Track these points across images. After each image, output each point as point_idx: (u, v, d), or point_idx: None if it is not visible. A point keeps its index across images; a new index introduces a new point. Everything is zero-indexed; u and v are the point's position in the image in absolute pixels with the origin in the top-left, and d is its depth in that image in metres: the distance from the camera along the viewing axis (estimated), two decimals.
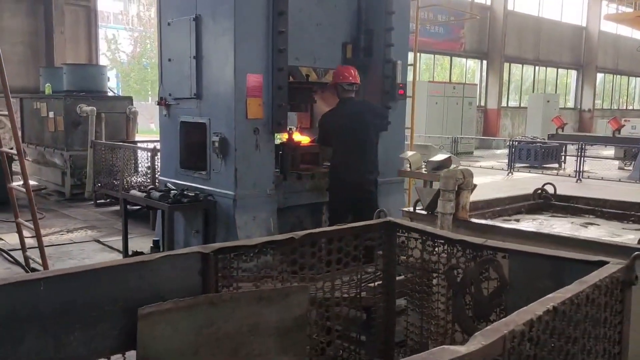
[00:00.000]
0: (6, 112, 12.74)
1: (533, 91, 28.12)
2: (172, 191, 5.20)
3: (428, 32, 22.24)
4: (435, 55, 23.86)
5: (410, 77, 7.08)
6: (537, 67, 28.64)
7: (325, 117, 5.64)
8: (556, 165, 17.11)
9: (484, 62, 25.57)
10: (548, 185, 5.14)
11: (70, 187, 10.11)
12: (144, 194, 5.32)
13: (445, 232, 3.05)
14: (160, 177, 6.20)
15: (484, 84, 25.64)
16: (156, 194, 5.17)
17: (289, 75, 5.40)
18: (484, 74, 25.70)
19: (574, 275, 2.44)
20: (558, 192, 5.18)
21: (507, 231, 3.56)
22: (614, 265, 2.34)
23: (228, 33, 4.94)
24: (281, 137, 6.12)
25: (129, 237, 7.24)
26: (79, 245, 6.97)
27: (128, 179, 8.57)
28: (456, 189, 3.72)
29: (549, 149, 17.15)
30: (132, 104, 10.83)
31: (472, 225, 3.75)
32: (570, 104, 31.82)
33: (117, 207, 8.45)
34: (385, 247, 3.30)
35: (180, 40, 5.45)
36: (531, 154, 17.17)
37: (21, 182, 11.63)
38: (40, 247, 5.34)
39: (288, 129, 5.78)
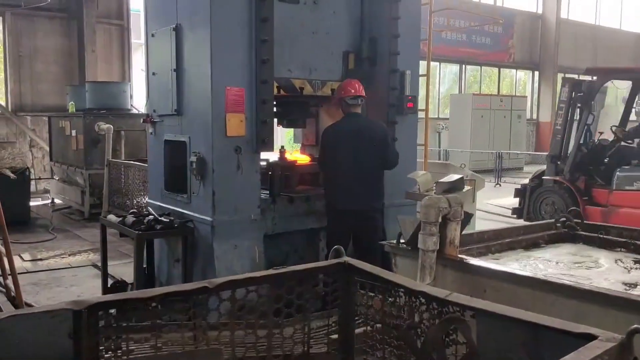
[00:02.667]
0: (34, 129, 12.76)
1: None
2: (147, 217, 4.75)
3: (474, 43, 21.39)
4: (483, 67, 22.85)
5: (424, 89, 6.43)
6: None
7: (324, 132, 5.11)
8: None
9: (536, 73, 24.36)
10: (574, 211, 4.41)
11: (89, 206, 9.92)
12: (119, 219, 4.89)
13: (406, 279, 2.43)
14: (147, 200, 5.79)
15: (535, 95, 24.42)
16: (130, 220, 4.74)
17: (279, 88, 4.89)
18: (536, 85, 24.48)
19: (554, 349, 1.80)
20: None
21: (499, 274, 2.89)
22: (603, 343, 1.67)
23: (204, 43, 4.48)
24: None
25: (129, 262, 6.93)
26: (75, 270, 6.64)
27: (140, 199, 8.26)
28: (440, 220, 3.08)
29: None
30: None
31: (461, 265, 3.10)
32: (632, 116, 29.91)
33: None
34: (341, 294, 2.71)
35: (162, 52, 5.04)
36: None
37: (47, 202, 11.59)
38: (14, 275, 4.97)
39: (280, 146, 5.27)
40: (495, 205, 11.92)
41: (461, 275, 3.07)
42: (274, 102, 5.37)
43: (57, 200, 11.56)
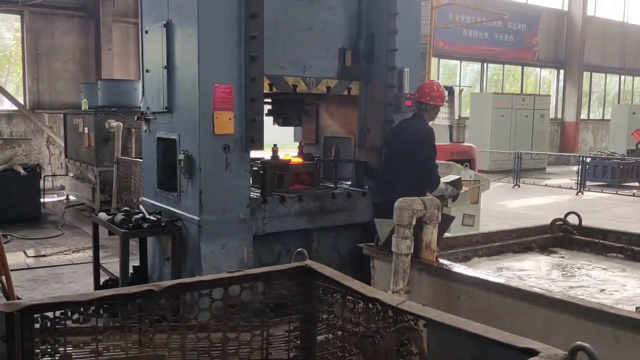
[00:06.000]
0: (53, 126, 12.95)
1: (618, 102, 25.92)
2: (136, 215, 4.71)
3: (496, 41, 21.04)
4: (506, 66, 22.45)
5: None
6: (622, 77, 26.43)
7: None
8: (637, 184, 15.43)
9: (561, 71, 23.85)
10: (572, 215, 4.23)
11: (100, 203, 9.96)
12: (109, 217, 4.86)
13: (363, 285, 2.32)
14: (142, 198, 5.77)
15: (560, 94, 23.90)
16: (119, 218, 4.70)
17: (270, 86, 4.80)
18: (561, 84, 23.96)
19: None
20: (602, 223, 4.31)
21: (471, 280, 2.75)
22: None
23: (192, 39, 4.41)
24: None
25: (132, 259, 6.94)
26: (76, 267, 6.66)
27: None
28: (414, 222, 2.95)
29: (628, 165, 15.49)
30: None
31: (435, 270, 2.97)
32: None
33: None
34: (303, 299, 2.61)
35: (155, 49, 5.00)
36: (607, 172, 15.58)
37: (62, 198, 11.71)
38: (6, 274, 4.97)
39: (273, 145, 5.18)
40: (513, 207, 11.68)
41: (436, 281, 2.94)
42: (269, 100, 5.32)
43: (71, 197, 11.68)
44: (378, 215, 4.82)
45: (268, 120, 5.28)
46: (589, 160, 15.71)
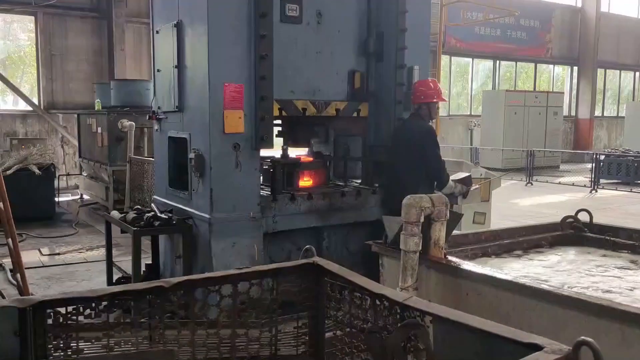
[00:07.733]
0: (67, 126, 13.09)
1: (633, 99, 25.66)
2: (148, 213, 4.76)
3: (509, 38, 20.90)
4: (519, 63, 22.29)
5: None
6: (637, 73, 26.13)
7: None
8: None
9: (575, 68, 23.64)
10: (582, 212, 4.21)
11: (113, 202, 10.05)
12: (121, 216, 4.92)
13: (370, 282, 2.33)
14: (153, 196, 5.82)
15: (574, 92, 23.70)
16: (131, 216, 4.76)
17: (280, 110, 4.82)
18: (575, 81, 23.75)
19: (506, 359, 1.70)
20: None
21: (478, 277, 2.76)
22: (546, 355, 1.55)
23: (202, 39, 4.46)
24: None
25: (145, 257, 7.00)
26: (89, 265, 6.73)
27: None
28: (422, 220, 2.96)
29: None
30: None
31: (442, 267, 2.97)
32: None
33: None
34: (311, 296, 2.63)
35: (166, 48, 5.05)
36: (622, 169, 15.43)
37: (76, 197, 11.84)
38: (21, 271, 5.03)
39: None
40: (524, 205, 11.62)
41: (444, 278, 2.95)
42: (279, 122, 5.33)
43: (85, 196, 11.79)
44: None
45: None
46: (603, 157, 15.57)
